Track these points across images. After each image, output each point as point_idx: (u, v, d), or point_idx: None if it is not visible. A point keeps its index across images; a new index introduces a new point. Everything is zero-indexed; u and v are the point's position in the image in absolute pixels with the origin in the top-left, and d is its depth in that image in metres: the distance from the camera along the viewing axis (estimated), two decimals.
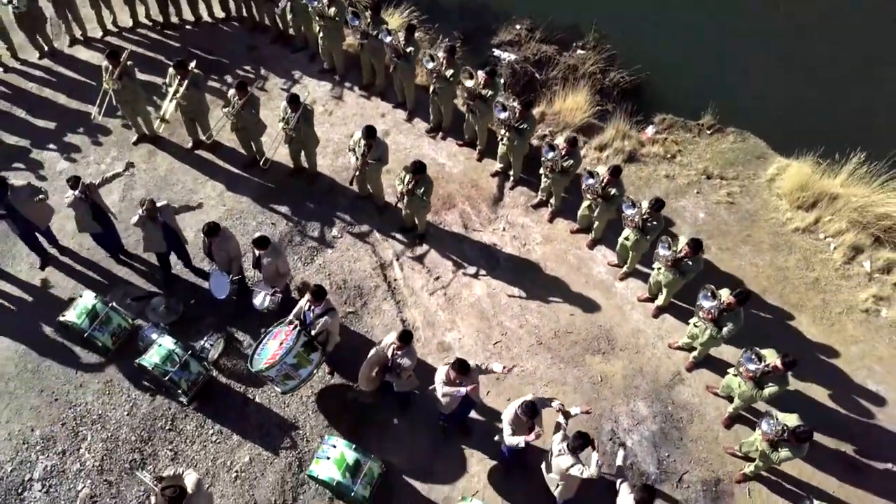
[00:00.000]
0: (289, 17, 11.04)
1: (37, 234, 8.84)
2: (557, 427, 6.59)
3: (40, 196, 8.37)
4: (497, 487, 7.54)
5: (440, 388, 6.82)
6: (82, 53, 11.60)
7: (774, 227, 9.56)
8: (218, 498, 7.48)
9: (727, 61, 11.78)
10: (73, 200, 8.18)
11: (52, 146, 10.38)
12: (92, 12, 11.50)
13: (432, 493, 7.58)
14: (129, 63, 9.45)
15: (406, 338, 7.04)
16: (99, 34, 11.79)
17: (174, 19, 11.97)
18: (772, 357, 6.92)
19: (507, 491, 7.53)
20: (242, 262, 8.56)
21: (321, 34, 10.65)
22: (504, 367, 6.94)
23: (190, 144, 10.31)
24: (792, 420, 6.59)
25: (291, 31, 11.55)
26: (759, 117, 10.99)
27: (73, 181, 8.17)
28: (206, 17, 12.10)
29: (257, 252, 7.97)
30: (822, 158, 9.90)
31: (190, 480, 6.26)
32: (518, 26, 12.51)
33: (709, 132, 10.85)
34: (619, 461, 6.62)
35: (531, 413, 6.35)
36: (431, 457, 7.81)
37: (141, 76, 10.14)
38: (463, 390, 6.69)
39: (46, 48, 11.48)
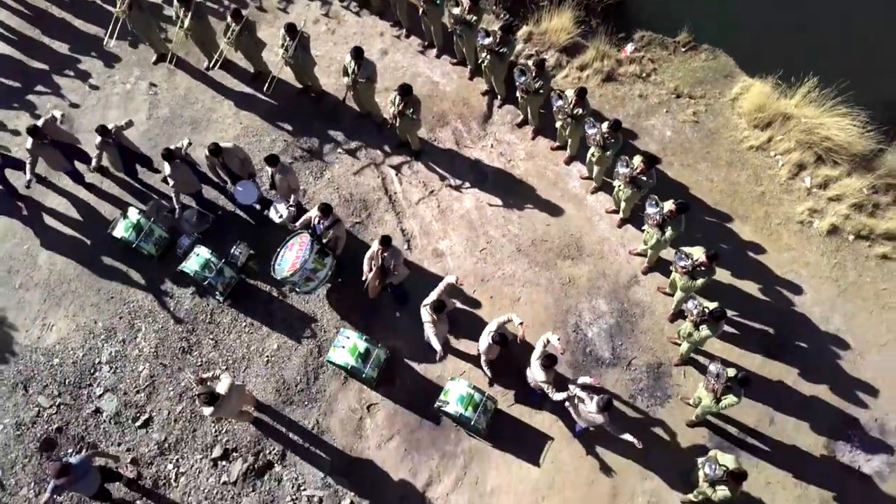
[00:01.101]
0: None
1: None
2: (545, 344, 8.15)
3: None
4: (479, 368, 9.25)
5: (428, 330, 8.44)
6: None
7: (732, 144, 10.74)
8: (253, 377, 9.23)
9: None
10: (99, 143, 9.34)
11: (78, 68, 11.36)
12: None
13: (427, 373, 9.32)
14: None
15: (386, 241, 8.53)
16: None
17: None
18: (699, 253, 8.37)
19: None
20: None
21: None
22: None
23: (205, 64, 11.28)
24: (711, 305, 8.13)
25: None
26: (733, 35, 11.74)
27: (101, 129, 9.27)
28: None
29: (270, 170, 9.25)
30: (781, 80, 10.90)
31: (223, 385, 7.85)
32: None
33: (683, 49, 11.72)
34: (583, 380, 8.21)
35: (502, 342, 8.04)
36: (426, 344, 9.47)
37: None
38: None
39: None
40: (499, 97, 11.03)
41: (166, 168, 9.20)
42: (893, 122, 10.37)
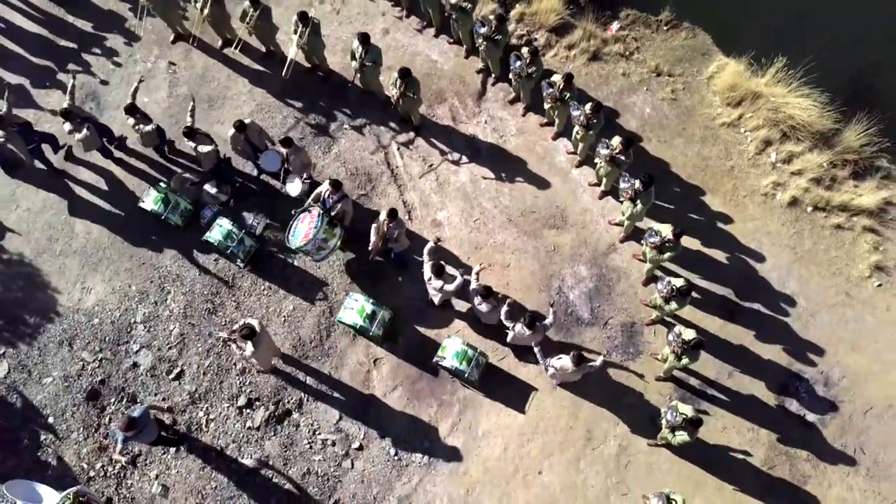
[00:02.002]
0: None
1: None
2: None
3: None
4: (472, 328, 10.43)
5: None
6: None
7: (706, 121, 11.66)
8: (272, 335, 10.38)
9: None
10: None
11: (103, 46, 12.18)
12: None
13: (426, 331, 10.49)
14: None
15: (393, 213, 9.62)
16: None
17: None
18: (667, 230, 9.44)
19: (479, 331, 10.42)
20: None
21: None
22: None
23: (219, 44, 12.09)
24: (679, 282, 9.25)
25: None
26: (713, 13, 12.49)
27: (130, 108, 10.17)
28: None
29: (284, 151, 10.24)
30: (754, 60, 11.75)
31: (255, 323, 9.04)
32: None
33: (665, 28, 12.51)
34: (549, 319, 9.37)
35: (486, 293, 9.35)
36: (423, 304, 10.61)
37: None
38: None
39: None
40: (493, 75, 11.90)
41: (189, 143, 10.19)
42: (851, 102, 11.27)
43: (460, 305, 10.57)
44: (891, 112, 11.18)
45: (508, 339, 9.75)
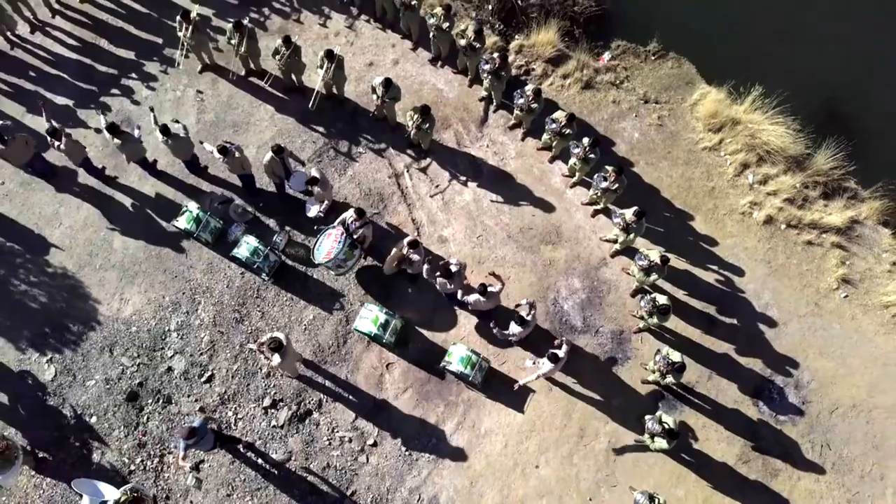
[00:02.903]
0: None
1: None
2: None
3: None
4: (476, 335, 11.49)
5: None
6: None
7: (689, 145, 12.74)
8: (294, 342, 11.43)
9: None
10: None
11: (134, 75, 13.24)
12: None
13: (434, 338, 11.55)
14: (197, 20, 12.12)
15: (415, 244, 10.64)
16: None
17: None
18: (655, 255, 10.51)
19: (484, 337, 11.47)
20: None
21: None
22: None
23: (243, 72, 13.15)
24: (662, 300, 10.31)
25: None
26: (697, 45, 13.60)
27: (164, 128, 11.21)
28: None
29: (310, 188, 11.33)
30: (734, 89, 12.83)
31: (282, 336, 10.09)
32: None
33: (653, 58, 13.60)
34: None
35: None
36: (432, 314, 11.68)
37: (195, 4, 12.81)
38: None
39: None
40: (494, 104, 12.96)
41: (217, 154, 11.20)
42: (822, 129, 12.37)
43: (464, 316, 11.63)
44: (857, 137, 12.33)
45: (470, 307, 10.91)
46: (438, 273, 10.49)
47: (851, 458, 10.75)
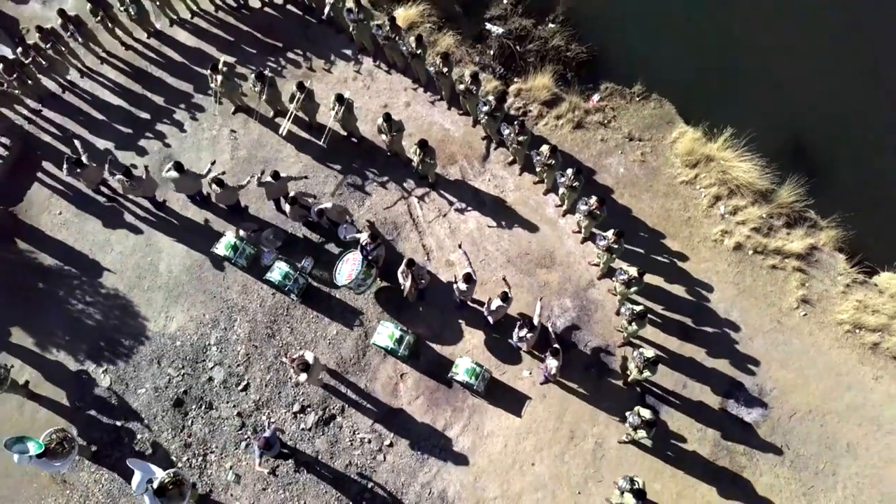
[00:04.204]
0: (326, 9, 14.84)
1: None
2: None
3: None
4: (479, 348, 13.07)
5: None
6: (180, 34, 15.69)
7: (668, 179, 14.32)
8: (319, 354, 13.01)
9: (662, 37, 15.60)
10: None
11: (174, 118, 14.87)
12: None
13: (442, 351, 13.13)
14: (225, 69, 13.75)
15: (411, 263, 12.23)
16: (188, 16, 15.81)
17: (245, 0, 15.88)
18: (633, 270, 12.06)
19: (487, 350, 13.06)
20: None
21: (354, 31, 14.71)
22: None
23: (271, 114, 14.76)
24: (638, 307, 11.87)
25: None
26: (679, 86, 15.16)
27: (178, 165, 12.80)
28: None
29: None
30: (708, 128, 14.41)
31: (309, 357, 11.65)
32: (505, 1, 16.31)
33: (637, 98, 15.20)
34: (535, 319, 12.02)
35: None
36: (440, 329, 13.26)
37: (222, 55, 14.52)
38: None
39: (152, 29, 15.54)
40: (494, 142, 14.56)
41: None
42: (786, 165, 13.95)
43: (469, 332, 13.21)
44: (817, 173, 13.92)
45: (492, 314, 12.47)
46: (461, 280, 12.10)
47: (807, 456, 12.28)
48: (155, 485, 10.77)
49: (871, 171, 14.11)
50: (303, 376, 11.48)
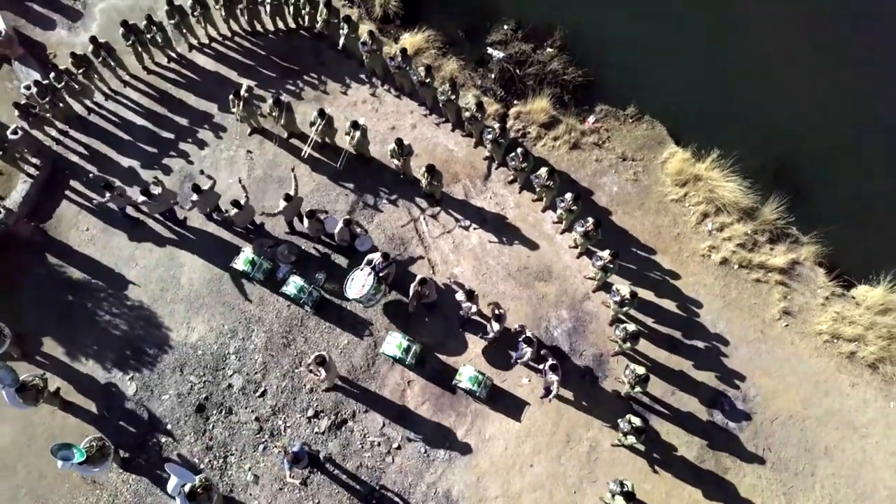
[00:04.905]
0: (341, 39, 15.82)
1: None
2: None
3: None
4: (481, 358, 13.97)
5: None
6: (199, 58, 16.61)
7: (660, 197, 15.22)
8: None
9: (654, 62, 16.50)
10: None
11: (196, 137, 15.78)
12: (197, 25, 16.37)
13: (447, 361, 14.01)
14: (247, 96, 14.68)
15: (423, 281, 13.14)
16: (207, 41, 16.74)
17: (259, 28, 16.79)
18: (625, 290, 12.98)
19: (488, 359, 13.95)
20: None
21: (367, 60, 15.65)
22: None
23: (285, 135, 15.67)
24: (631, 328, 12.78)
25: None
26: (670, 108, 16.09)
27: (195, 187, 13.73)
28: (282, 26, 16.86)
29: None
30: (696, 149, 15.32)
31: (325, 353, 12.56)
32: (506, 27, 17.24)
33: (630, 120, 16.11)
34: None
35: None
36: (445, 339, 14.15)
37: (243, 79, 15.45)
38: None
39: (173, 54, 16.47)
40: (496, 162, 15.47)
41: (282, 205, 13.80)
42: (771, 185, 14.87)
43: (471, 342, 14.11)
44: (798, 192, 14.86)
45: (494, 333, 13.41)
46: (463, 295, 13.06)
47: (787, 458, 13.16)
48: (186, 489, 11.65)
49: (849, 190, 15.08)
50: (322, 371, 12.41)
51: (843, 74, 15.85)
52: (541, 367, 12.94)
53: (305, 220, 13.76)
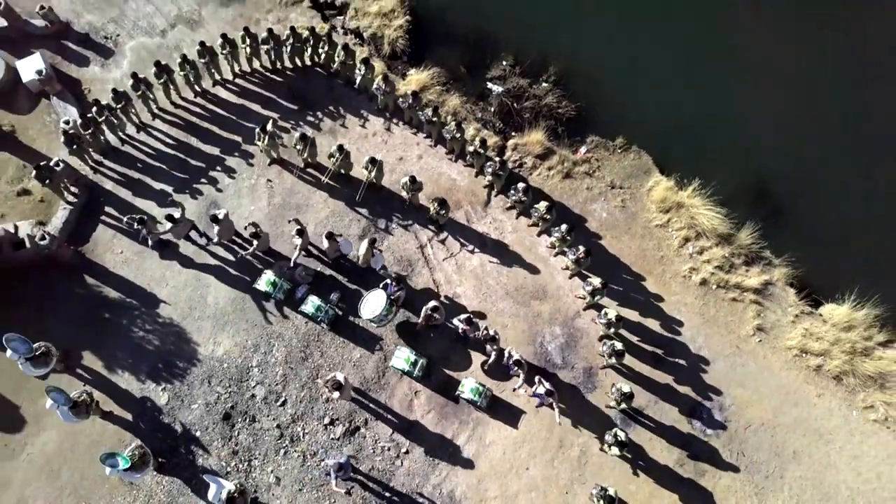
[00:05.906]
0: (357, 78, 17.27)
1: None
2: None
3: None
4: (481, 371, 15.34)
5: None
6: (222, 93, 18.04)
7: (645, 222, 16.62)
8: (346, 375, 15.26)
9: (641, 96, 17.93)
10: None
11: (224, 165, 17.19)
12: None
13: (451, 373, 15.38)
14: (271, 130, 16.10)
15: (436, 308, 14.52)
16: (231, 76, 18.16)
17: (279, 66, 18.21)
18: (612, 313, 14.38)
19: (488, 372, 15.32)
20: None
21: (381, 99, 17.10)
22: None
23: (302, 164, 17.08)
24: (619, 346, 14.16)
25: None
26: (655, 140, 17.50)
27: (213, 217, 15.15)
28: (299, 63, 18.29)
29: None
30: (679, 178, 16.72)
31: (340, 377, 13.94)
32: (504, 62, 18.66)
33: (619, 150, 17.51)
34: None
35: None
36: (448, 354, 15.53)
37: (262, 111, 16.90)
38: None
39: (199, 89, 17.89)
40: (495, 190, 16.88)
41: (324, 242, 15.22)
42: (745, 212, 16.28)
43: (473, 356, 15.49)
44: (772, 218, 16.24)
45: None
46: (464, 321, 14.44)
47: (759, 462, 14.54)
48: (223, 494, 13.09)
49: (818, 217, 16.49)
50: (336, 394, 13.77)
51: (819, 112, 17.29)
52: (535, 390, 14.24)
53: (325, 241, 15.15)
